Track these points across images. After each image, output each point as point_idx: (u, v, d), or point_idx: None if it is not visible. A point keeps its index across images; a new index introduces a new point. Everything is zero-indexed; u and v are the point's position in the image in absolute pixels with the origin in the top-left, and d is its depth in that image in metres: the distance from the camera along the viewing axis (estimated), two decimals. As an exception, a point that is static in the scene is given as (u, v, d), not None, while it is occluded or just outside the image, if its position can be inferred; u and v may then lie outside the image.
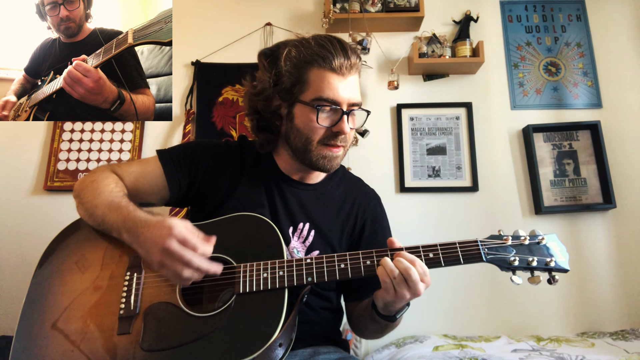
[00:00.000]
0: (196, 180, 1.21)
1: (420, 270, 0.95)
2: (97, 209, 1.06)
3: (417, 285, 0.94)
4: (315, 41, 1.12)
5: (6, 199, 2.18)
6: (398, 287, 0.95)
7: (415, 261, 0.96)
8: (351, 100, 1.12)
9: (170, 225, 0.94)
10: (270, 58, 1.17)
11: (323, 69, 1.10)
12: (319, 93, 1.09)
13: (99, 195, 1.08)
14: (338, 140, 1.13)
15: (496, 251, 0.98)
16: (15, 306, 1.98)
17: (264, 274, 0.98)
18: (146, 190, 1.19)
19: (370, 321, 1.12)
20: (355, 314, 1.25)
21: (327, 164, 1.14)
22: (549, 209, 2.11)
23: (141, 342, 0.95)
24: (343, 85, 1.11)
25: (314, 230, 1.19)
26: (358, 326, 1.25)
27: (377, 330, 1.16)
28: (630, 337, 1.69)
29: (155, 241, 0.94)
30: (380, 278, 0.97)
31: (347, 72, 1.11)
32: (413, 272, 0.94)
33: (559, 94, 2.28)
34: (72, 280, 1.05)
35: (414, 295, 0.96)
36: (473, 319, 2.05)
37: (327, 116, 1.11)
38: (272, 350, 0.92)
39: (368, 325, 1.16)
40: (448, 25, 2.37)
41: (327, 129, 1.11)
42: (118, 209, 1.04)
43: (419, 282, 0.95)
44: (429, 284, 0.97)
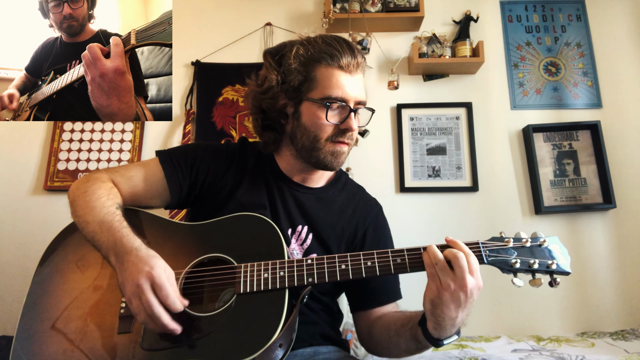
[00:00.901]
0: (197, 182, 1.21)
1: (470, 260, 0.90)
2: (89, 226, 1.03)
3: (464, 272, 0.88)
4: (322, 40, 1.14)
5: (6, 199, 2.18)
6: (442, 274, 0.90)
7: (467, 253, 0.91)
8: (358, 98, 1.13)
9: (154, 265, 0.92)
10: (277, 57, 1.17)
11: (331, 67, 1.11)
12: (327, 91, 1.10)
13: (90, 211, 1.04)
14: (346, 137, 1.13)
15: (497, 253, 0.97)
16: (16, 306, 1.98)
17: (264, 274, 0.98)
18: (147, 194, 1.18)
19: (409, 339, 1.04)
20: (378, 327, 1.17)
21: (333, 161, 1.15)
22: (549, 209, 2.11)
23: (141, 341, 0.95)
24: (351, 83, 1.12)
25: (312, 233, 1.19)
26: (380, 341, 1.15)
27: (408, 351, 1.08)
28: (630, 337, 1.69)
29: (133, 274, 0.91)
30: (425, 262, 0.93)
31: (354, 71, 1.13)
32: (460, 257, 0.89)
33: (559, 94, 2.28)
34: (73, 280, 1.05)
35: (460, 287, 0.89)
36: (473, 319, 2.03)
37: (336, 114, 1.12)
38: (272, 351, 0.91)
39: (401, 344, 1.07)
40: (448, 25, 2.37)
41: (335, 127, 1.12)
42: (110, 229, 1.00)
43: (466, 270, 0.88)
44: (480, 286, 0.91)
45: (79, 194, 1.10)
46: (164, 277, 0.91)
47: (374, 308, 1.21)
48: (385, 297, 1.22)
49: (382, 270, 0.98)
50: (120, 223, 1.02)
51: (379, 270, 0.98)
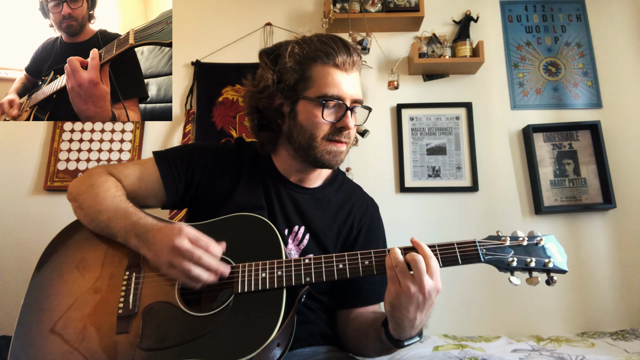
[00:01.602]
0: (193, 182, 1.21)
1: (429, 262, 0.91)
2: (102, 214, 1.06)
3: (422, 275, 0.89)
4: (317, 39, 1.14)
5: (6, 199, 2.18)
6: (402, 277, 0.90)
7: (427, 255, 0.92)
8: (354, 96, 1.13)
9: (181, 226, 0.96)
10: (272, 56, 1.17)
11: (327, 65, 1.11)
12: (323, 90, 1.10)
13: (102, 201, 1.08)
14: (342, 135, 1.13)
15: (494, 252, 0.98)
16: (15, 306, 1.97)
17: (262, 273, 0.99)
18: (143, 193, 1.19)
19: (374, 339, 1.07)
20: (352, 326, 1.19)
21: (332, 159, 1.14)
22: (549, 209, 2.11)
23: (140, 341, 0.95)
24: (346, 81, 1.12)
25: (309, 234, 1.19)
26: (352, 339, 1.19)
27: (376, 351, 1.12)
28: (630, 337, 1.68)
29: (166, 241, 0.95)
30: (386, 265, 0.93)
31: (350, 68, 1.13)
32: (419, 260, 0.89)
33: (559, 94, 2.28)
34: (72, 280, 1.06)
35: (419, 289, 0.89)
36: (473, 319, 2.05)
37: (332, 112, 1.12)
38: (270, 350, 0.92)
39: (368, 343, 1.11)
40: (448, 25, 2.37)
41: (332, 125, 1.12)
42: (126, 215, 1.04)
43: (424, 273, 0.89)
44: (439, 288, 0.92)
45: (85, 188, 1.12)
46: (194, 231, 0.96)
47: (357, 308, 1.21)
48: (369, 298, 1.22)
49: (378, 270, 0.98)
50: (134, 208, 1.07)
51: (376, 270, 0.98)
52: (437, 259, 0.95)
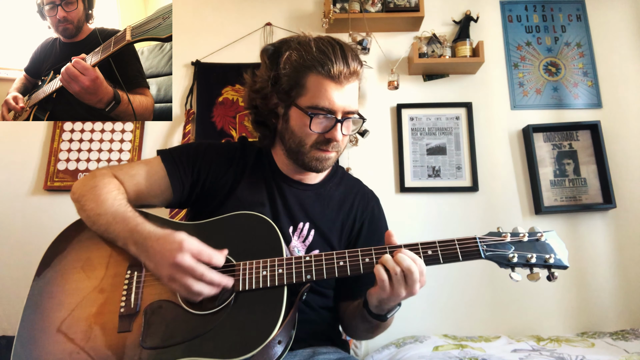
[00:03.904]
0: (199, 180, 1.21)
1: (420, 269, 0.95)
2: (101, 218, 1.06)
3: (415, 284, 0.94)
4: (316, 45, 1.11)
5: (6, 199, 2.18)
6: (397, 284, 0.94)
7: (416, 259, 0.95)
8: (347, 108, 1.11)
9: (181, 239, 0.95)
10: (272, 57, 1.17)
11: (321, 75, 1.08)
12: (315, 101, 1.09)
13: (102, 204, 1.07)
14: (330, 146, 1.13)
15: (495, 248, 0.98)
16: (16, 306, 1.97)
17: (263, 271, 0.98)
18: (149, 192, 1.18)
19: (361, 320, 1.11)
20: (347, 313, 1.23)
21: (319, 165, 1.16)
22: (549, 209, 2.11)
23: (142, 340, 0.95)
24: (339, 94, 1.10)
25: (314, 229, 1.19)
26: (349, 326, 1.25)
27: (368, 330, 1.16)
28: (630, 337, 1.68)
29: (165, 255, 0.94)
30: (378, 276, 0.95)
31: (345, 81, 1.10)
32: (415, 271, 0.93)
33: (559, 94, 2.28)
34: (73, 280, 1.05)
35: (410, 294, 0.95)
36: (473, 319, 2.05)
37: (321, 122, 1.11)
38: (271, 348, 0.92)
39: (359, 325, 1.15)
40: (448, 25, 2.37)
41: (320, 135, 1.12)
42: (124, 220, 1.03)
43: (418, 281, 0.94)
44: (424, 284, 0.97)
45: (87, 190, 1.11)
46: (195, 242, 0.95)
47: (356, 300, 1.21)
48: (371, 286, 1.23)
49: None
50: (133, 213, 1.06)
51: None
52: (438, 255, 0.98)
